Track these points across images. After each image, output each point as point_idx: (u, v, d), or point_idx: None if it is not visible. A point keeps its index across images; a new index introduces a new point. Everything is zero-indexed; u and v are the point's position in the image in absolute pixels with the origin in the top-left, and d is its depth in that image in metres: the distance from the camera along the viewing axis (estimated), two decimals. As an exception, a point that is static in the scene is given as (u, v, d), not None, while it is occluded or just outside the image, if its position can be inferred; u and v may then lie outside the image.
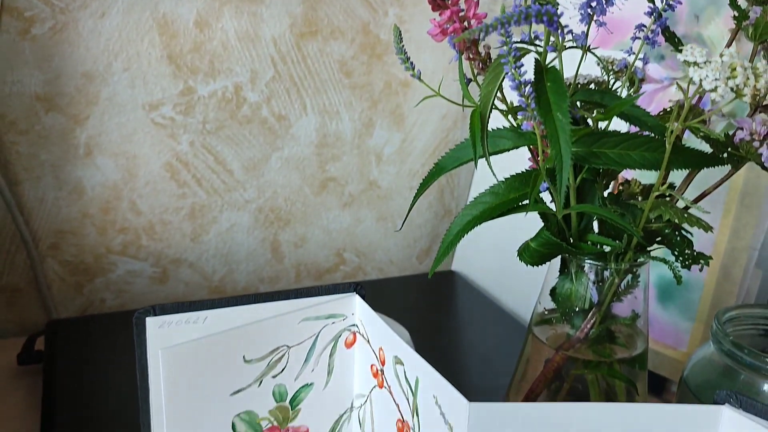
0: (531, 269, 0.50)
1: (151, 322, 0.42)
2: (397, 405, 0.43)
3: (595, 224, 0.47)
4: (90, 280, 0.79)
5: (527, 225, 0.46)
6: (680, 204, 0.44)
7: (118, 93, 0.74)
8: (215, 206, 0.82)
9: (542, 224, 0.44)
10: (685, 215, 0.41)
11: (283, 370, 0.45)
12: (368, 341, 0.46)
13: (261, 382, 0.44)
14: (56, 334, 0.69)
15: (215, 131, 0.79)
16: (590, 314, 0.46)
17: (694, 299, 0.67)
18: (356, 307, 0.46)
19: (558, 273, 0.47)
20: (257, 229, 0.84)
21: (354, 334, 0.47)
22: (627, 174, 0.51)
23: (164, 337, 0.42)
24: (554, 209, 0.42)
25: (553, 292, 0.48)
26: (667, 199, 0.43)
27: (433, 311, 0.80)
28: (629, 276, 0.47)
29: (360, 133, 0.85)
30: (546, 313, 0.49)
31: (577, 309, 0.46)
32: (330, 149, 0.85)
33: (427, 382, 0.39)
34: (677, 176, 0.46)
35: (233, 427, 0.44)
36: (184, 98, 0.77)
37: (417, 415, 0.41)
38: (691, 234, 0.46)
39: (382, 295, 0.76)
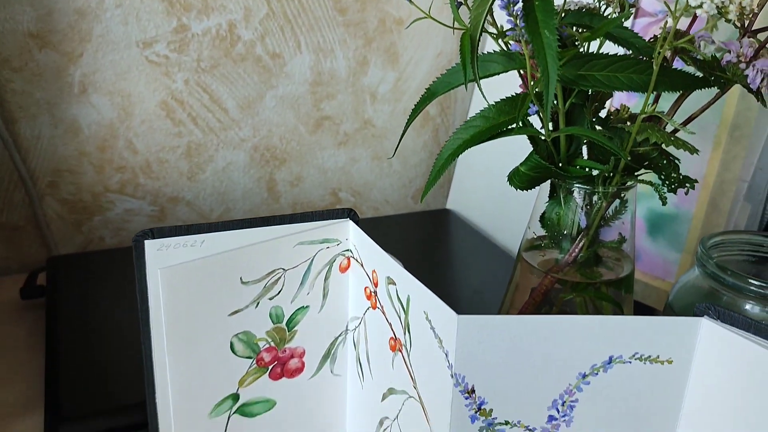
0: (524, 207, 0.51)
1: (150, 245, 0.43)
2: (390, 324, 0.44)
3: (585, 151, 0.47)
4: (89, 218, 0.80)
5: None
6: (669, 129, 0.44)
7: (111, 30, 0.74)
8: (211, 145, 0.82)
9: (535, 156, 0.44)
10: (672, 138, 0.42)
11: (279, 292, 0.46)
12: (362, 265, 0.47)
13: (258, 303, 0.46)
14: (57, 269, 0.70)
15: (210, 69, 0.79)
16: (578, 238, 0.47)
17: (682, 231, 0.68)
18: (350, 232, 0.47)
19: (547, 199, 0.48)
20: (253, 168, 0.85)
21: (348, 259, 0.48)
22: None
23: (163, 259, 0.43)
24: (543, 132, 0.43)
25: (542, 218, 0.49)
26: (656, 124, 0.44)
27: (427, 248, 0.81)
28: (617, 201, 0.48)
29: (354, 72, 0.85)
30: (535, 238, 0.50)
31: (565, 233, 0.48)
32: (324, 87, 0.85)
33: (418, 299, 0.41)
34: (667, 105, 0.46)
35: (232, 346, 0.46)
36: (178, 36, 0.76)
37: (408, 332, 0.42)
38: (678, 160, 0.47)
39: (377, 233, 0.77)
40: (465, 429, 0.40)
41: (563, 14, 0.42)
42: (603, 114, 0.48)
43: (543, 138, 0.44)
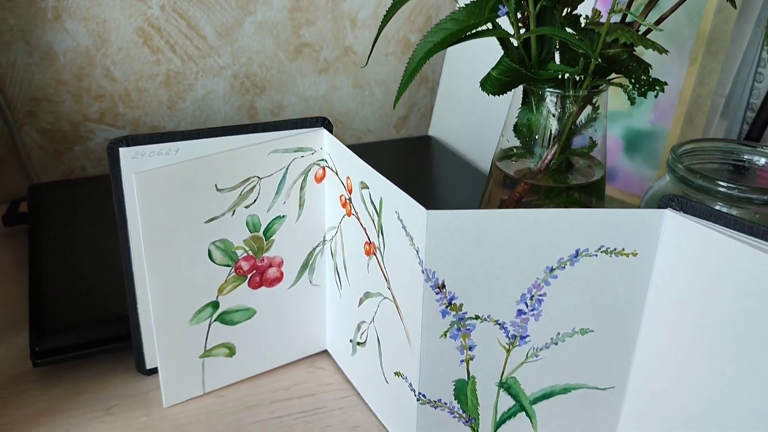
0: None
1: (125, 153, 0.43)
2: (364, 228, 0.45)
3: (557, 57, 0.47)
4: (69, 148, 0.80)
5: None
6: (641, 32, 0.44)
7: (82, -47, 0.72)
8: (190, 73, 0.82)
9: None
10: (641, 39, 0.42)
11: (255, 200, 0.47)
12: (336, 173, 0.47)
13: (234, 211, 0.46)
14: (38, 196, 0.70)
15: (185, -6, 0.78)
16: (551, 145, 0.48)
17: (658, 148, 0.69)
18: (324, 141, 0.48)
19: (520, 106, 0.48)
20: (233, 96, 0.85)
21: (323, 168, 0.49)
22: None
23: (137, 167, 0.43)
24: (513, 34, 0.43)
25: (515, 126, 0.49)
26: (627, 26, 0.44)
27: (409, 173, 0.81)
28: (589, 109, 0.48)
29: (333, -3, 0.84)
30: (509, 148, 0.50)
31: (537, 139, 0.48)
32: (303, 13, 0.84)
33: (390, 199, 0.41)
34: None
35: (210, 254, 0.46)
36: (152, -41, 0.75)
37: (382, 234, 0.43)
38: (650, 66, 0.47)
39: (359, 159, 0.78)
40: (436, 324, 0.41)
41: None
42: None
43: (514, 42, 0.44)
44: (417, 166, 0.83)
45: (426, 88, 0.95)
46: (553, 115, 0.48)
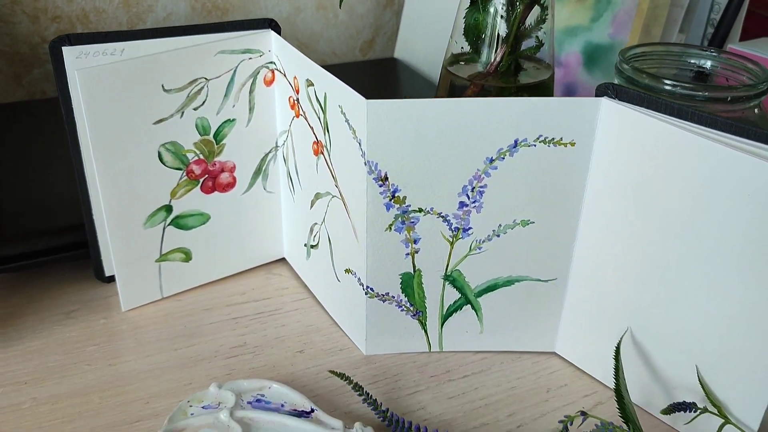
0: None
1: (68, 52, 0.43)
2: (312, 128, 0.46)
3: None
4: (28, 71, 0.79)
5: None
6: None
7: None
8: (149, -7, 0.80)
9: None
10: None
11: (203, 102, 0.47)
12: (284, 74, 0.47)
13: (183, 113, 0.46)
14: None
15: None
16: (499, 46, 0.48)
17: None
18: (272, 43, 0.48)
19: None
20: (195, 19, 0.84)
21: (272, 72, 0.49)
22: None
23: (82, 66, 0.43)
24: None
25: (464, 29, 0.49)
26: None
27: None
28: (538, 10, 0.48)
29: None
30: (459, 53, 0.50)
31: (485, 40, 0.48)
32: (263, -69, 0.82)
33: (334, 93, 0.42)
34: None
35: (160, 157, 0.47)
36: None
37: (328, 131, 0.44)
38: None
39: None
40: (381, 218, 0.42)
41: None
42: None
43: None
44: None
45: (392, 11, 0.94)
46: (501, 16, 0.48)
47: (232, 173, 0.50)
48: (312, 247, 0.51)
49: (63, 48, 0.43)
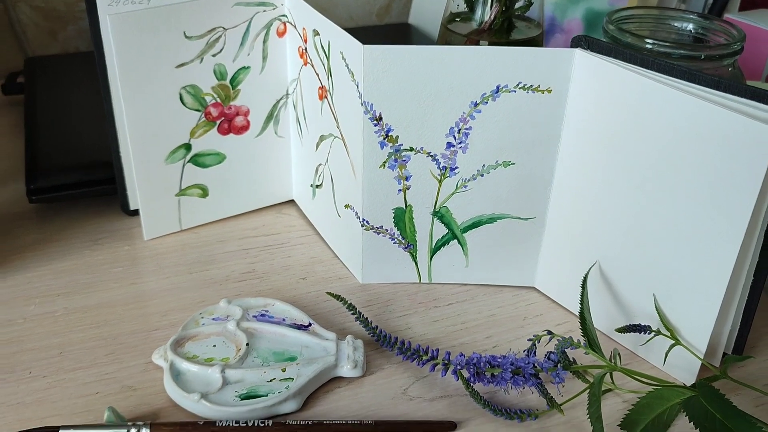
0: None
1: (101, 1, 0.48)
2: (317, 74, 0.50)
3: None
4: (63, 27, 0.84)
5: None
6: None
7: None
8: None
9: None
10: None
11: (221, 50, 0.52)
12: (294, 26, 0.52)
13: (202, 59, 0.51)
14: (34, 68, 0.75)
15: None
16: (493, 5, 0.52)
17: (615, 27, 0.72)
18: (285, -3, 0.52)
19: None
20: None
21: (284, 24, 0.53)
22: None
23: (113, 12, 0.48)
24: None
25: (462, -12, 0.53)
26: None
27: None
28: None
29: None
30: (456, 12, 0.55)
31: (481, 0, 0.52)
32: None
33: (336, 41, 0.46)
34: None
35: (181, 98, 0.52)
36: None
37: (331, 76, 0.48)
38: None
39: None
40: (376, 155, 0.47)
41: None
42: None
43: None
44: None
45: (407, -23, 0.98)
46: (496, -23, 0.52)
47: (246, 117, 0.55)
48: (317, 186, 0.55)
49: (97, -3, 0.48)
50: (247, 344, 0.44)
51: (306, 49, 0.51)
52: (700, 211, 0.40)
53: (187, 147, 0.54)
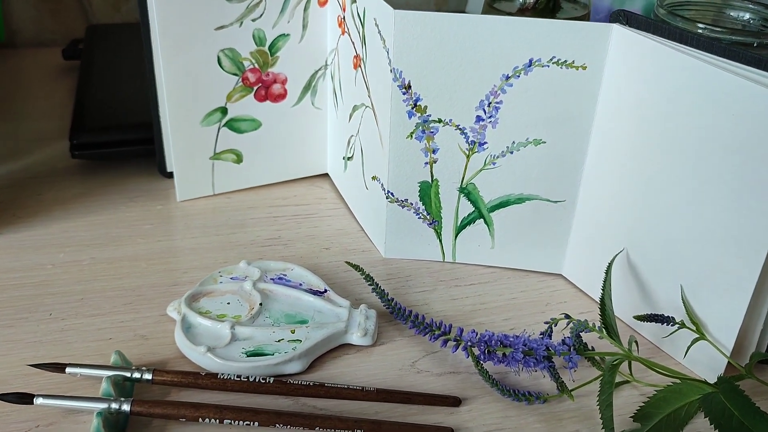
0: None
1: (146, -41, 0.49)
2: (353, 43, 0.50)
3: None
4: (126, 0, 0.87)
5: None
6: None
7: None
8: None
9: None
10: None
11: (261, 15, 0.52)
12: (335, -5, 0.52)
13: (242, 23, 0.52)
14: (94, 35, 0.78)
15: None
16: (538, -17, 0.51)
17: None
18: (328, -34, 0.52)
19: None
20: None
21: (326, -7, 0.53)
22: None
23: (157, -28, 0.49)
24: None
25: (508, -35, 0.52)
26: None
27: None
28: (581, -49, 0.51)
29: None
30: (502, -13, 0.54)
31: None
32: None
33: (370, 7, 0.46)
34: None
35: (219, 61, 0.52)
36: None
37: (365, 44, 0.48)
38: None
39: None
40: (403, 124, 0.46)
41: None
42: None
43: None
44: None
45: (468, -33, 0.97)
46: (543, -46, 0.51)
47: (284, 85, 0.55)
48: (348, 159, 0.55)
49: (143, -46, 0.49)
50: (261, 304, 0.44)
51: (344, 18, 0.51)
52: (736, 200, 0.38)
53: (223, 111, 0.54)
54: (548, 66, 0.43)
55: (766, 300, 0.39)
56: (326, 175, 0.61)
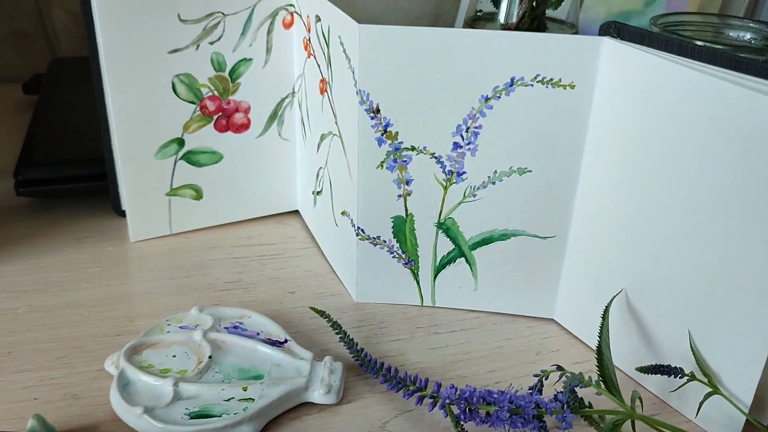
0: None
1: (92, -24, 0.45)
2: (318, 65, 0.45)
3: None
4: (95, 32, 0.83)
5: None
6: None
7: None
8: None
9: None
10: None
11: (220, 38, 0.48)
12: (301, 16, 0.48)
13: (198, 46, 0.47)
14: (57, 69, 0.74)
15: None
16: (521, 3, 0.47)
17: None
18: (292, -15, 0.48)
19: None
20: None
21: (292, 15, 0.49)
22: None
23: (104, -9, 0.45)
24: None
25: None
26: None
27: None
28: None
29: None
30: (480, 13, 0.50)
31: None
32: None
33: (335, 24, 0.41)
34: None
35: (174, 87, 0.48)
36: None
37: (330, 65, 0.43)
38: None
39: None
40: (373, 153, 0.41)
41: None
42: None
43: None
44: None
45: (453, -1, 0.94)
46: (525, -30, 0.47)
47: (247, 114, 0.51)
48: (317, 194, 0.50)
49: (87, -29, 0.44)
50: (210, 357, 0.39)
51: (309, 39, 0.46)
52: (750, 231, 0.33)
53: (180, 142, 0.50)
54: (532, 85, 0.39)
55: (788, 347, 0.34)
56: (297, 212, 0.56)
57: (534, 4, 0.47)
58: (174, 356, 0.39)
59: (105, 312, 0.44)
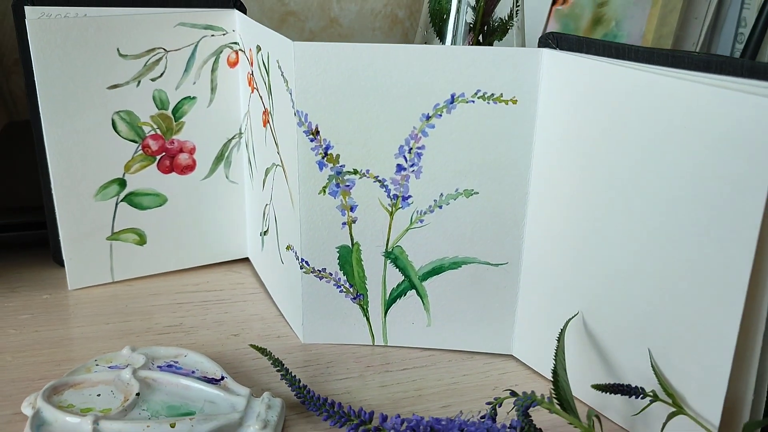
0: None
1: (30, 12, 0.44)
2: (261, 97, 0.45)
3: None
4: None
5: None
6: None
7: None
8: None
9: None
10: None
11: (162, 74, 0.47)
12: (244, 51, 0.47)
13: (139, 82, 0.46)
14: (12, 131, 0.73)
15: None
16: (466, 34, 0.47)
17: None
18: (237, 23, 0.48)
19: (437, -4, 0.48)
20: None
21: (237, 53, 0.49)
22: None
23: (43, 26, 0.44)
24: None
25: (430, 14, 0.48)
26: None
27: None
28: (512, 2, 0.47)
29: (318, -35, 0.86)
30: (425, 38, 0.49)
31: (451, 27, 0.47)
32: (288, -20, 0.86)
33: (273, 49, 0.41)
34: None
35: (114, 125, 0.47)
36: None
37: (271, 94, 0.42)
38: None
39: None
40: (314, 178, 0.40)
41: None
42: None
43: None
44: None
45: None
46: (469, 4, 0.47)
47: (192, 155, 0.49)
48: (264, 234, 0.48)
49: (25, 7, 0.44)
50: (138, 394, 0.36)
51: (252, 72, 0.46)
52: (704, 236, 0.31)
53: (121, 183, 0.48)
54: (473, 101, 0.38)
55: (753, 355, 0.32)
56: (247, 259, 0.54)
57: (480, 38, 0.47)
58: (98, 395, 0.36)
59: (30, 357, 0.41)
